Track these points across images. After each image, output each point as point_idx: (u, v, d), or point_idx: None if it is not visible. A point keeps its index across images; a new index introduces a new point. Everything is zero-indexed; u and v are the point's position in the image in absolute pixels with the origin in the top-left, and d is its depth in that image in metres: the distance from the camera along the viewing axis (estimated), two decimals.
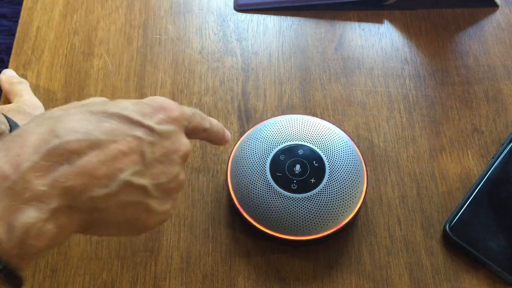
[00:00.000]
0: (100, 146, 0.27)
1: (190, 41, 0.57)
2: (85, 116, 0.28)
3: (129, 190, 0.28)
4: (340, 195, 0.43)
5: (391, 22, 0.59)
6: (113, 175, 0.27)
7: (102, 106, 0.29)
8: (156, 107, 0.31)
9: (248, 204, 0.43)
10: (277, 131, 0.46)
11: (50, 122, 0.27)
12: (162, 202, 0.30)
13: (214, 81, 0.54)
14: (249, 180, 0.44)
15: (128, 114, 0.29)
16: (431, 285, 0.44)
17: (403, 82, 0.55)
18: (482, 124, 0.52)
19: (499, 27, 0.58)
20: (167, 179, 0.30)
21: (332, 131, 0.46)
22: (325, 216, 0.42)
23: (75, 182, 0.26)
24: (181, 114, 0.32)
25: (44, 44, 0.56)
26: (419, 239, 0.46)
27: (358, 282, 0.44)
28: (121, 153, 0.28)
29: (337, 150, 0.45)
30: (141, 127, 0.29)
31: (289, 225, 0.42)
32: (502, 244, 0.45)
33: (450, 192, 0.48)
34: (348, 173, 0.44)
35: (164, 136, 0.30)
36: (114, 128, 0.28)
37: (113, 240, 0.46)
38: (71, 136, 0.26)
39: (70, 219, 0.26)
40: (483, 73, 0.55)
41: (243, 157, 0.45)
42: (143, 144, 0.29)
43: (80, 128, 0.27)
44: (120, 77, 0.55)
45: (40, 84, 0.54)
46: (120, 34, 0.57)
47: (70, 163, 0.26)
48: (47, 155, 0.26)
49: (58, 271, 0.44)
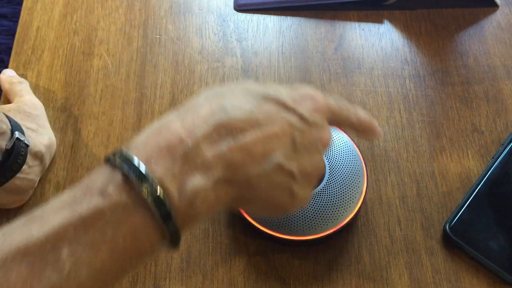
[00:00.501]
0: (260, 126, 0.29)
1: (190, 41, 0.57)
2: (247, 96, 0.30)
3: (280, 172, 0.29)
4: (340, 195, 0.43)
5: (391, 22, 0.59)
6: (268, 155, 0.29)
7: (259, 88, 0.31)
8: (306, 96, 0.32)
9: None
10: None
11: (218, 98, 0.29)
12: (304, 188, 0.32)
13: (214, 81, 0.54)
14: None
15: (284, 100, 0.31)
16: (431, 285, 0.44)
17: (403, 82, 0.55)
18: (482, 124, 0.52)
19: (499, 27, 0.58)
20: (311, 166, 0.31)
21: (332, 131, 0.46)
22: (325, 216, 0.42)
23: (237, 157, 0.28)
24: (327, 105, 0.33)
25: (44, 44, 0.56)
26: (419, 239, 0.46)
27: (358, 282, 0.44)
28: (276, 136, 0.29)
29: (337, 151, 0.45)
30: (294, 113, 0.30)
31: (289, 225, 0.42)
32: (502, 244, 0.45)
33: (450, 192, 0.48)
34: (348, 173, 0.44)
35: (312, 124, 0.31)
36: (272, 111, 0.30)
37: None
38: (237, 113, 0.28)
39: (226, 191, 0.28)
40: (483, 73, 0.55)
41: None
42: (294, 130, 0.30)
43: (244, 107, 0.29)
44: (120, 77, 0.55)
45: (40, 84, 0.54)
46: (120, 34, 0.57)
47: (234, 138, 0.28)
48: (216, 127, 0.28)
49: None
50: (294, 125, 0.30)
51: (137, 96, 0.53)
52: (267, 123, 0.29)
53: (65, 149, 0.50)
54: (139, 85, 0.54)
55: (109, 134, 0.51)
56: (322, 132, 0.32)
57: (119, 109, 0.53)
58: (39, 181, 0.48)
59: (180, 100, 0.53)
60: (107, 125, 0.52)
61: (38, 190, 0.48)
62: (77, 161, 0.50)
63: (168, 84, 0.54)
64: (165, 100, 0.53)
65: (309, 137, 0.31)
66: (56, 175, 0.49)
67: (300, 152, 0.30)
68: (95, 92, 0.53)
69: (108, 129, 0.51)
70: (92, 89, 0.54)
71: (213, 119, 0.28)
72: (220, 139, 0.27)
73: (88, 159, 0.50)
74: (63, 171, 0.49)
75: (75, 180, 0.49)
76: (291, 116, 0.30)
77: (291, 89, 0.32)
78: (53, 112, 0.52)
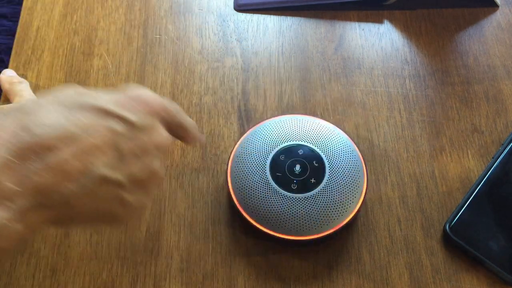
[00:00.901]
0: (73, 140, 0.26)
1: (190, 41, 0.57)
2: (57, 108, 0.27)
3: (104, 184, 0.27)
4: (340, 195, 0.43)
5: (391, 22, 0.59)
6: (86, 170, 0.26)
7: (75, 97, 0.28)
8: (134, 98, 0.30)
9: (248, 204, 0.43)
10: (277, 131, 0.46)
11: (20, 116, 0.26)
12: (137, 195, 0.29)
13: (214, 81, 0.54)
14: (249, 180, 0.44)
15: (104, 105, 0.28)
16: (431, 285, 0.44)
17: (403, 82, 0.55)
18: (482, 124, 0.52)
19: (499, 27, 0.58)
20: (143, 172, 0.29)
21: (332, 131, 0.46)
22: (325, 216, 0.42)
23: (46, 179, 0.25)
24: (161, 106, 0.31)
25: (44, 44, 0.56)
26: (419, 239, 0.46)
27: (358, 282, 0.44)
28: (94, 147, 0.26)
29: (337, 151, 0.45)
30: (118, 119, 0.28)
31: (289, 225, 0.42)
32: (502, 244, 0.45)
33: (450, 192, 0.48)
34: (348, 173, 0.44)
35: (142, 128, 0.29)
36: (88, 120, 0.27)
37: (113, 240, 0.46)
38: (44, 131, 0.25)
39: (40, 217, 0.26)
40: (483, 73, 0.55)
41: (244, 156, 0.45)
42: (118, 136, 0.28)
43: (52, 122, 0.26)
44: (120, 77, 0.55)
45: (40, 84, 0.54)
46: (120, 34, 0.57)
47: (42, 159, 0.25)
48: (17, 151, 0.24)
49: (58, 271, 0.44)
50: (118, 132, 0.28)
51: None
52: (82, 135, 0.26)
53: None
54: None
55: None
56: (155, 135, 0.30)
57: None
58: None
59: (180, 100, 0.53)
60: None
61: None
62: None
63: (168, 84, 0.54)
64: None
65: (138, 142, 0.29)
66: None
67: (128, 160, 0.28)
68: None
69: None
70: None
71: (14, 143, 0.24)
72: (25, 163, 0.24)
73: None
74: None
75: None
76: (114, 122, 0.28)
77: (118, 93, 0.30)
78: None
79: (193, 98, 0.53)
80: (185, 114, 0.35)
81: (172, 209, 0.47)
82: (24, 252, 0.45)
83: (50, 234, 0.46)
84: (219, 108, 0.53)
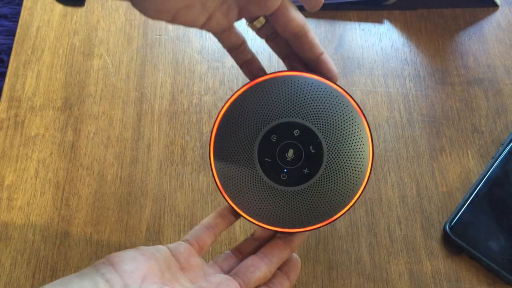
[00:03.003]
0: None
1: (190, 41, 0.57)
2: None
3: None
4: (335, 191, 0.36)
5: (391, 22, 0.59)
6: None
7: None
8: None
9: (231, 188, 0.37)
10: (271, 99, 0.36)
11: None
12: None
13: (214, 81, 0.54)
14: (235, 164, 0.36)
15: None
16: (431, 285, 0.44)
17: (403, 82, 0.55)
18: (482, 124, 0.52)
19: (499, 27, 0.58)
20: None
21: (341, 104, 0.36)
22: (314, 212, 0.36)
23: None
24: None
25: (44, 44, 0.56)
26: (419, 239, 0.46)
27: (358, 282, 0.44)
28: None
29: (341, 134, 0.35)
30: None
31: (277, 218, 0.36)
32: (502, 244, 0.45)
33: (450, 192, 0.48)
34: (348, 170, 0.36)
35: None
36: None
37: (113, 241, 0.46)
38: None
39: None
40: (483, 73, 0.55)
41: (228, 132, 0.36)
42: None
43: None
44: (120, 77, 0.55)
45: (40, 84, 0.54)
46: (120, 34, 0.57)
47: None
48: None
49: (58, 271, 0.44)
50: None
51: (137, 96, 0.53)
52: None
53: (65, 149, 0.50)
54: (139, 85, 0.54)
55: (109, 134, 0.51)
56: None
57: (119, 109, 0.53)
58: (39, 181, 0.48)
59: (180, 100, 0.53)
60: (107, 125, 0.52)
61: (38, 190, 0.48)
62: (77, 161, 0.50)
63: (168, 84, 0.54)
64: (165, 100, 0.53)
65: None
66: (56, 175, 0.49)
67: None
68: (95, 92, 0.53)
69: (108, 129, 0.51)
70: (92, 89, 0.54)
71: None
72: None
73: (88, 159, 0.50)
74: (63, 171, 0.49)
75: (75, 180, 0.49)
76: None
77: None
78: (53, 112, 0.52)
79: (193, 98, 0.53)
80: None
81: (172, 209, 0.47)
82: (24, 252, 0.45)
83: (50, 234, 0.46)
84: (219, 108, 0.53)
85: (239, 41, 0.38)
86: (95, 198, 0.48)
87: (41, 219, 0.47)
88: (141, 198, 0.48)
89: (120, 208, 0.47)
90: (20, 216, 0.47)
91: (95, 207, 0.47)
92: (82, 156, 0.50)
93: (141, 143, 0.51)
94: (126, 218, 0.47)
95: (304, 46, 0.37)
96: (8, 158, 0.49)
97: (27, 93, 0.53)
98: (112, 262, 0.30)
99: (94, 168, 0.49)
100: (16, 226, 0.46)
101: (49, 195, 0.48)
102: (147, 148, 0.50)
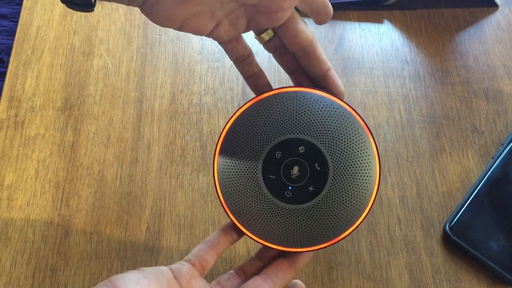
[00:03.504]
0: None
1: (190, 41, 0.57)
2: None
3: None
4: (339, 213, 0.35)
5: (391, 22, 0.59)
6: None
7: None
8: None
9: (235, 206, 0.36)
10: (277, 115, 0.36)
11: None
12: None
13: (214, 81, 0.54)
14: (239, 180, 0.36)
15: None
16: (431, 285, 0.44)
17: (403, 82, 0.55)
18: (482, 124, 0.52)
19: (499, 27, 0.58)
20: None
21: (347, 120, 0.35)
22: (319, 231, 0.35)
23: None
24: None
25: (44, 44, 0.56)
26: (419, 239, 0.46)
27: (358, 282, 0.44)
28: None
29: (347, 152, 0.35)
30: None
31: (280, 236, 0.36)
32: (502, 244, 0.45)
33: (450, 192, 0.48)
34: (355, 184, 0.35)
35: None
36: None
37: (113, 240, 0.46)
38: None
39: None
40: (483, 73, 0.55)
41: (233, 148, 0.36)
42: None
43: None
44: (120, 77, 0.55)
45: (40, 84, 0.54)
46: (120, 34, 0.57)
47: None
48: None
49: (58, 271, 0.44)
50: None
51: (137, 96, 0.53)
52: None
53: (65, 149, 0.50)
54: (139, 85, 0.54)
55: (109, 134, 0.51)
56: None
57: (119, 109, 0.53)
58: (39, 181, 0.48)
59: (180, 100, 0.53)
60: (107, 125, 0.52)
61: (38, 190, 0.48)
62: (77, 161, 0.50)
63: (168, 84, 0.54)
64: (165, 100, 0.53)
65: None
66: (56, 175, 0.49)
67: None
68: (95, 92, 0.53)
69: (108, 129, 0.51)
70: (92, 89, 0.54)
71: None
72: None
73: (88, 159, 0.50)
74: (63, 171, 0.49)
75: (75, 180, 0.49)
76: None
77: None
78: (53, 112, 0.52)
79: (193, 98, 0.53)
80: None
81: (172, 209, 0.47)
82: (24, 252, 0.45)
83: (50, 234, 0.46)
84: (219, 108, 0.53)
85: (246, 52, 0.37)
86: (95, 198, 0.48)
87: (41, 219, 0.47)
88: (141, 198, 0.48)
89: (120, 208, 0.47)
90: (20, 216, 0.47)
91: (95, 207, 0.47)
92: (82, 156, 0.50)
93: (141, 143, 0.51)
94: (126, 218, 0.47)
95: (311, 61, 0.37)
96: (8, 158, 0.49)
97: (27, 93, 0.53)
98: (115, 286, 0.29)
99: (94, 168, 0.49)
100: (16, 226, 0.46)
101: (49, 195, 0.48)
102: (147, 148, 0.50)
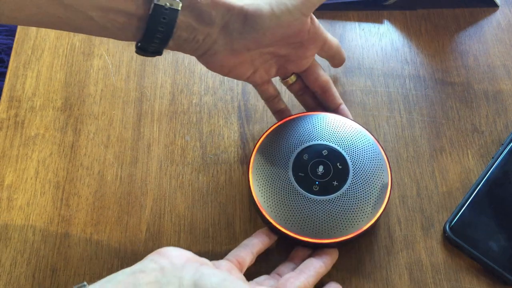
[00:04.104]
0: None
1: None
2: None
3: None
4: (362, 201, 0.42)
5: (391, 22, 0.59)
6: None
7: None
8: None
9: (269, 203, 0.43)
10: (302, 128, 0.46)
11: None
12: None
13: (214, 81, 0.54)
14: (271, 178, 0.43)
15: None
16: (431, 285, 0.44)
17: (403, 82, 0.55)
18: (482, 124, 0.52)
19: (499, 27, 0.58)
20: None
21: (359, 133, 0.46)
22: (345, 220, 0.42)
23: None
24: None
25: (44, 44, 0.56)
26: (419, 239, 0.46)
27: (358, 282, 0.44)
28: None
29: (363, 154, 0.44)
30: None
31: (309, 227, 0.42)
32: (502, 244, 0.45)
33: (450, 192, 0.48)
34: (372, 178, 0.43)
35: None
36: None
37: (113, 240, 0.46)
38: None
39: None
40: (483, 73, 0.55)
41: (266, 153, 0.45)
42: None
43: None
44: (120, 77, 0.55)
45: (40, 84, 0.54)
46: None
47: None
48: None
49: (58, 271, 0.44)
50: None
51: (137, 96, 0.53)
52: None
53: (65, 149, 0.50)
54: (139, 85, 0.54)
55: (109, 134, 0.51)
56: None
57: (119, 109, 0.53)
58: (39, 181, 0.48)
59: (180, 100, 0.53)
60: (107, 125, 0.52)
61: (38, 190, 0.48)
62: (77, 161, 0.50)
63: (168, 84, 0.54)
64: (165, 100, 0.53)
65: None
66: (56, 175, 0.49)
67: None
68: (95, 92, 0.53)
69: (108, 129, 0.51)
70: (92, 89, 0.54)
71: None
72: None
73: (88, 159, 0.50)
74: (63, 171, 0.49)
75: (75, 180, 0.49)
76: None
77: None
78: (53, 112, 0.52)
79: (193, 98, 0.53)
80: None
81: (172, 209, 0.47)
82: (24, 252, 0.45)
83: (50, 234, 0.46)
84: (219, 108, 0.53)
85: (275, 93, 0.48)
86: (95, 198, 0.48)
87: (41, 219, 0.47)
88: (141, 198, 0.48)
89: (120, 208, 0.47)
90: (20, 216, 0.47)
91: (95, 207, 0.48)
92: (82, 156, 0.50)
93: (141, 143, 0.51)
94: (126, 218, 0.47)
95: (328, 97, 0.48)
96: (8, 158, 0.49)
97: (27, 93, 0.53)
98: (160, 252, 0.35)
99: (94, 168, 0.49)
100: (16, 226, 0.46)
101: (49, 195, 0.48)
102: (147, 148, 0.50)
